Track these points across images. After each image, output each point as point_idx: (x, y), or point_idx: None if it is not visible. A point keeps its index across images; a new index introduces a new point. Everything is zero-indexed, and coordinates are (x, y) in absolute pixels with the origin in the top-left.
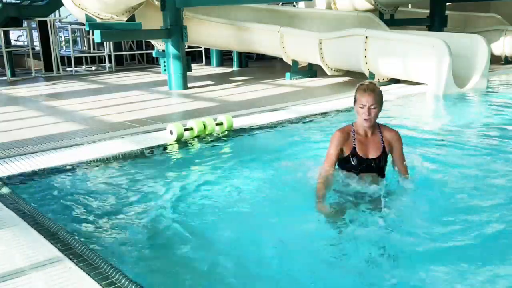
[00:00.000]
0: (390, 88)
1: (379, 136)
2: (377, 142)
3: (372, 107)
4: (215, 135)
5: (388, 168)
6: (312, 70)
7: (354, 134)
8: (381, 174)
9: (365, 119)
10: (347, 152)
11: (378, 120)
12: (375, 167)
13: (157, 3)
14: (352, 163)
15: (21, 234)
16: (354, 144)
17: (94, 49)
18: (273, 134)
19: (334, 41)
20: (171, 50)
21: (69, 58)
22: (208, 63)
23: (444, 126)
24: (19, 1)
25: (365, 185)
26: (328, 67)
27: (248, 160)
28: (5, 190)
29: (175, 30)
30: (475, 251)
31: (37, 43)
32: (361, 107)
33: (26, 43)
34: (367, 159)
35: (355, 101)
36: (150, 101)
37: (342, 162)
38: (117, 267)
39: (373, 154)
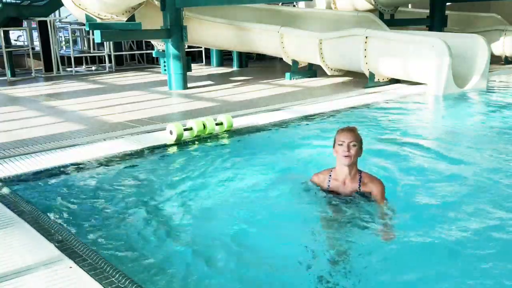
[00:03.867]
0: (390, 88)
1: (358, 183)
2: (354, 189)
3: (352, 144)
4: (215, 135)
5: None
6: (312, 70)
7: (329, 181)
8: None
9: (344, 156)
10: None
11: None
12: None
13: (157, 3)
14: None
15: (21, 234)
16: (328, 186)
17: (94, 49)
18: (273, 134)
19: (334, 41)
20: (171, 50)
21: (69, 58)
22: (208, 63)
23: (444, 126)
24: (19, 1)
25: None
26: (328, 67)
27: (248, 160)
28: (5, 190)
29: (175, 30)
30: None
31: (37, 43)
32: (340, 144)
33: (26, 43)
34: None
35: (334, 143)
36: (150, 101)
37: None
38: (117, 267)
39: (346, 194)
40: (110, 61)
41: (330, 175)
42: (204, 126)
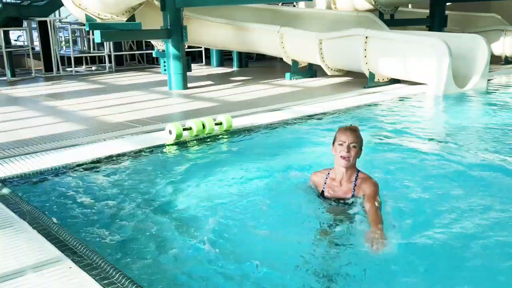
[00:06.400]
0: (390, 88)
1: (353, 184)
2: (349, 189)
3: (352, 145)
4: (214, 135)
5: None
6: (312, 70)
7: (326, 178)
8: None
9: (343, 157)
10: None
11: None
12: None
13: (157, 3)
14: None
15: (21, 234)
16: (325, 183)
17: (94, 49)
18: (273, 134)
19: (334, 41)
20: (171, 50)
21: (69, 58)
22: (208, 63)
23: (444, 126)
24: (19, 1)
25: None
26: (328, 67)
27: (247, 161)
28: (5, 190)
29: (175, 30)
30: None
31: (37, 43)
32: (340, 144)
33: (26, 43)
34: (333, 199)
35: (334, 141)
36: (150, 101)
37: None
38: (117, 267)
39: (341, 196)
40: (110, 61)
41: (328, 174)
42: (204, 126)
